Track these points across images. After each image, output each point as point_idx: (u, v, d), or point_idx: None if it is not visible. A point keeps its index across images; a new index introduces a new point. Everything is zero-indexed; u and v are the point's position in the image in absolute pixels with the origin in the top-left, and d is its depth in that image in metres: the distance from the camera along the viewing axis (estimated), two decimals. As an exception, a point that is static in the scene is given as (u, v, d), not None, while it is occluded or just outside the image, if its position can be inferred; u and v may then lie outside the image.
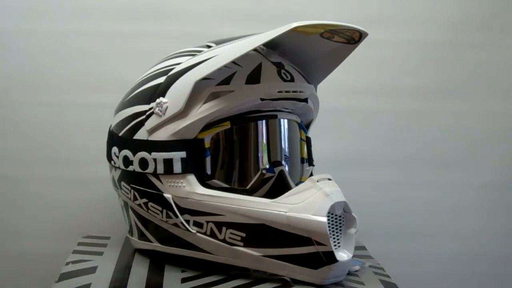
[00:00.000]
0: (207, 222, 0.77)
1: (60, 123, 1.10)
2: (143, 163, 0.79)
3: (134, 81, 0.87)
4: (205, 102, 0.76)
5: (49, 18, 1.08)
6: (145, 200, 0.80)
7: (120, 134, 0.82)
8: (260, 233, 0.74)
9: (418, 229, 1.18)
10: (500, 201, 1.19)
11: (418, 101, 1.17)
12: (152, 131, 0.78)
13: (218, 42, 0.82)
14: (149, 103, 0.79)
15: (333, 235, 0.73)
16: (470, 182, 1.18)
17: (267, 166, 0.82)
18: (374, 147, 1.17)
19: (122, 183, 0.83)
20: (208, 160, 0.78)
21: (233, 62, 0.77)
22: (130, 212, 0.85)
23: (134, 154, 0.79)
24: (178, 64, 0.80)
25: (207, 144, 0.78)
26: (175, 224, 0.79)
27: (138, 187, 0.80)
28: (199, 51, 0.81)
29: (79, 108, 1.09)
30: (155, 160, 0.77)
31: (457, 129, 1.18)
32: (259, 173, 0.81)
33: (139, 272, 0.81)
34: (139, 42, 1.09)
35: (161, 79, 0.79)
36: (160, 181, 0.78)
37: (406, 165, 1.18)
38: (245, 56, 0.74)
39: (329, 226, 0.72)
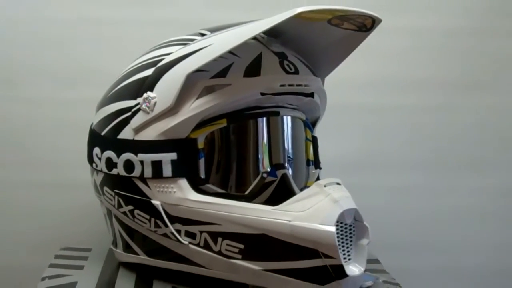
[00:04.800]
0: (201, 232, 0.78)
1: (34, 121, 1.11)
2: (129, 165, 0.80)
3: (118, 73, 0.87)
4: (198, 97, 0.77)
5: (19, 2, 1.08)
6: (130, 207, 0.81)
7: (102, 133, 0.84)
8: (261, 245, 0.75)
9: (439, 240, 1.19)
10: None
11: (440, 96, 1.18)
12: (138, 129, 0.79)
13: (213, 30, 0.83)
14: (135, 98, 0.80)
15: (343, 246, 0.74)
16: (499, 187, 1.19)
17: (268, 169, 0.82)
18: (389, 148, 1.17)
19: (105, 188, 0.84)
20: (201, 162, 0.79)
21: (230, 52, 0.77)
22: (114, 221, 0.87)
23: (118, 156, 0.80)
24: (168, 54, 0.80)
25: (200, 144, 0.79)
26: (165, 235, 0.80)
27: (122, 193, 0.82)
28: (192, 40, 0.82)
29: (55, 103, 1.10)
30: (141, 162, 0.78)
31: (486, 127, 1.18)
32: (259, 177, 0.82)
33: (124, 288, 0.85)
34: (125, 30, 1.10)
35: (149, 71, 0.80)
36: (148, 186, 0.79)
37: (425, 168, 1.18)
38: (244, 45, 0.74)
39: (338, 237, 0.72)
